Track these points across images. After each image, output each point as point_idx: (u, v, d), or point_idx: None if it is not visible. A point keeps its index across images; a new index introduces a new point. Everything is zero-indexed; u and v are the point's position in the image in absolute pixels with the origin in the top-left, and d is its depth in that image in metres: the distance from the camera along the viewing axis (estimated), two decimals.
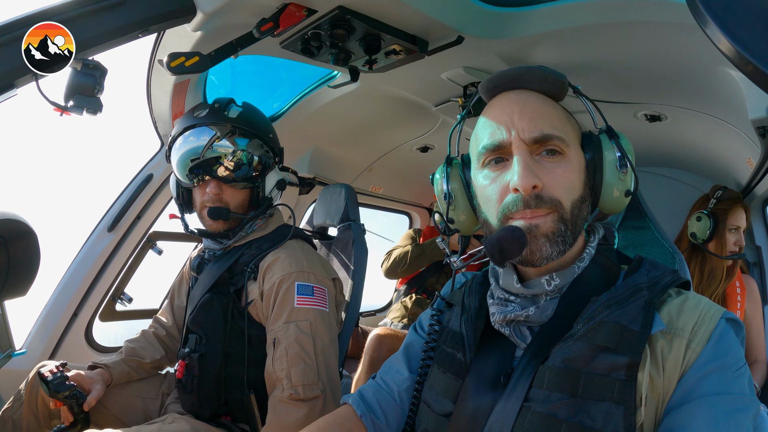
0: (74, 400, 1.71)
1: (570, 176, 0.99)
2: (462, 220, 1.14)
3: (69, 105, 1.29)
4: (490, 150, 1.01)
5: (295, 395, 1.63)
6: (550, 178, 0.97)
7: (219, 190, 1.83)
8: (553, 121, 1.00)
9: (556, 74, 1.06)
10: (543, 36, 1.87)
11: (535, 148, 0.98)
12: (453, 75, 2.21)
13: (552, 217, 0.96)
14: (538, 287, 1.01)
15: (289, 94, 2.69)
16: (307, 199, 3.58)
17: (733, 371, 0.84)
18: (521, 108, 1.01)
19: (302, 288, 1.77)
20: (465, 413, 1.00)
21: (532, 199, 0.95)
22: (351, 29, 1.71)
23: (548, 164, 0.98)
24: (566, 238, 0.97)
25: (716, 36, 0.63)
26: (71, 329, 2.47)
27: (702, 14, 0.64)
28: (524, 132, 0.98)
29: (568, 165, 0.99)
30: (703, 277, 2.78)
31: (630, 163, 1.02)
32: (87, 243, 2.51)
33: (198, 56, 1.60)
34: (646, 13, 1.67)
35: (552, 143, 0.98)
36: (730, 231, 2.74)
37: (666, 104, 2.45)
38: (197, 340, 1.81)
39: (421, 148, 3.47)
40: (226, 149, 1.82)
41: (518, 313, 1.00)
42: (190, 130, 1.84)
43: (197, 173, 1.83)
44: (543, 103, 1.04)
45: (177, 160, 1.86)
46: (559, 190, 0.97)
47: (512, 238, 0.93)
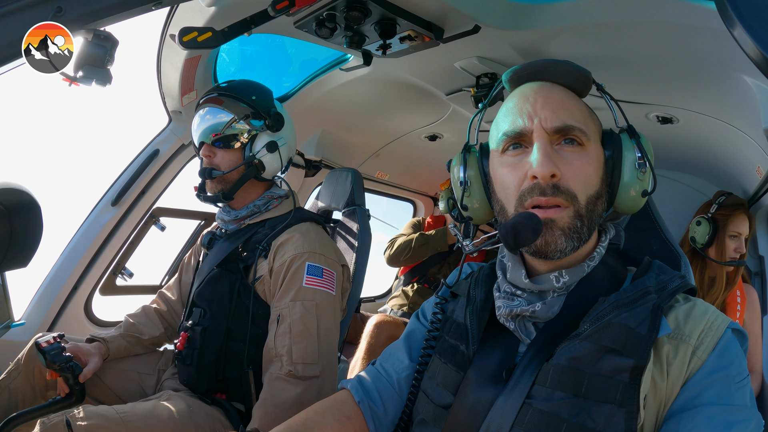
0: (70, 372, 1.70)
1: (588, 169, 0.98)
2: (475, 208, 1.13)
3: (78, 75, 1.27)
4: (511, 136, 1.01)
5: (294, 372, 1.63)
6: (568, 169, 0.96)
7: (210, 153, 1.90)
8: (576, 114, 1.00)
9: (581, 69, 1.06)
10: (559, 30, 1.86)
11: (556, 137, 0.98)
12: (466, 64, 2.19)
13: (568, 212, 0.95)
14: (547, 283, 1.01)
15: (300, 75, 2.67)
16: (313, 181, 3.57)
17: (736, 382, 0.84)
18: (545, 98, 1.01)
19: (312, 269, 1.77)
20: (465, 406, 1.00)
21: (548, 187, 0.95)
22: (367, 12, 1.69)
23: (568, 154, 0.98)
24: (582, 234, 0.97)
25: (743, 39, 0.62)
26: (71, 302, 2.46)
27: (730, 17, 0.63)
28: (546, 121, 0.98)
29: (587, 158, 0.99)
30: (703, 282, 2.77)
31: (650, 163, 1.01)
32: (90, 216, 2.50)
33: (211, 32, 1.58)
34: (664, 13, 1.65)
35: (573, 134, 0.98)
36: (731, 237, 2.73)
37: (678, 107, 2.43)
38: (201, 314, 1.82)
39: (430, 136, 3.45)
40: (213, 116, 1.89)
41: (524, 308, 1.00)
42: (197, 112, 1.94)
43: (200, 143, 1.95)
44: (567, 96, 1.04)
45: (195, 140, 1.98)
46: (576, 182, 0.96)
47: (528, 224, 0.92)
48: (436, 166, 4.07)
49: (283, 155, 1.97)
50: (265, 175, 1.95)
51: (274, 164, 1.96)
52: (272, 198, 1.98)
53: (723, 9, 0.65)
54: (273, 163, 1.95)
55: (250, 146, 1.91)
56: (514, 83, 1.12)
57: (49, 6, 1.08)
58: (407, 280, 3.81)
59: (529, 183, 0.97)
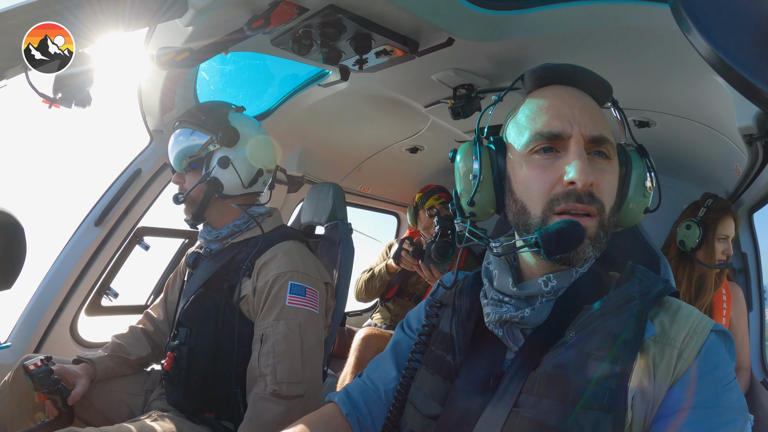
0: (58, 395, 1.70)
1: (614, 182, 1.01)
2: (483, 205, 1.10)
3: (58, 97, 1.29)
4: (546, 137, 1.00)
5: (279, 392, 1.63)
6: (601, 179, 0.98)
7: (180, 180, 1.94)
8: (607, 126, 1.02)
9: (605, 81, 1.09)
10: (533, 39, 1.88)
11: (590, 147, 0.99)
12: (443, 76, 2.22)
13: (595, 222, 0.97)
14: (535, 288, 1.02)
15: (279, 92, 2.68)
16: (296, 197, 3.58)
17: (723, 385, 0.85)
18: (582, 104, 1.03)
19: (295, 288, 1.78)
20: (452, 416, 1.00)
21: (585, 195, 0.95)
22: (342, 28, 1.72)
23: (599, 165, 0.99)
24: (603, 244, 0.99)
25: (699, 42, 0.64)
26: (56, 323, 2.45)
27: (685, 20, 0.65)
28: (586, 128, 0.98)
29: (614, 171, 1.02)
30: (691, 285, 2.77)
31: (657, 184, 1.05)
32: (74, 237, 2.49)
33: (188, 51, 1.60)
34: (635, 19, 1.68)
35: (605, 146, 0.99)
36: (719, 240, 2.74)
37: (654, 110, 2.47)
38: (187, 334, 1.82)
39: (411, 148, 3.47)
40: (173, 145, 1.95)
41: (513, 314, 1.00)
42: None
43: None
44: (596, 106, 1.06)
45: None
46: (605, 193, 0.98)
47: (573, 232, 0.92)
48: (418, 178, 4.08)
49: (241, 169, 1.92)
50: (226, 191, 1.92)
51: (231, 179, 1.92)
52: (253, 216, 1.96)
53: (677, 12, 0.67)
54: (229, 179, 1.92)
55: (207, 164, 1.91)
56: (540, 82, 1.12)
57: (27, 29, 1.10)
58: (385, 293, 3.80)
59: (564, 188, 0.96)
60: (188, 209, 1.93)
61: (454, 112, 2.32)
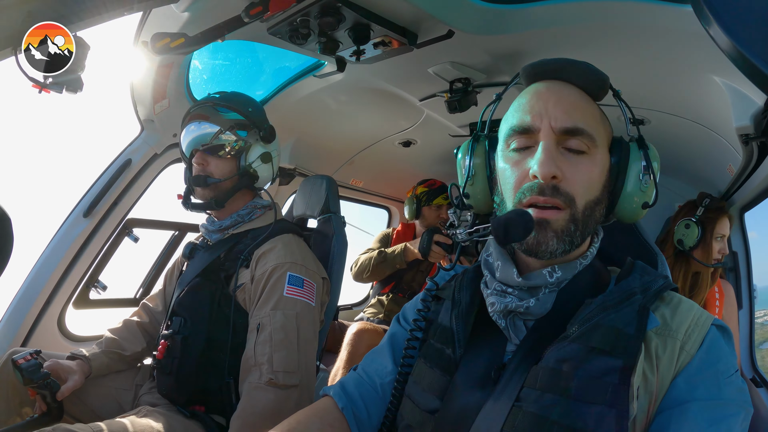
0: (48, 390, 1.67)
1: (591, 174, 1.00)
2: (478, 198, 1.15)
3: (48, 82, 1.25)
4: (517, 132, 1.03)
5: (275, 380, 1.62)
6: (571, 171, 0.97)
7: (203, 161, 1.90)
8: (587, 118, 1.01)
9: (599, 72, 1.08)
10: (532, 34, 1.88)
11: (563, 139, 0.99)
12: (440, 70, 2.21)
13: (564, 215, 0.97)
14: (540, 279, 1.01)
15: (274, 83, 2.66)
16: (287, 190, 3.55)
17: (725, 378, 0.86)
18: (558, 97, 1.02)
19: (293, 279, 1.79)
20: (452, 410, 0.99)
21: (548, 188, 0.96)
22: (340, 18, 1.70)
23: (572, 157, 0.99)
24: (574, 238, 0.98)
25: (719, 36, 0.64)
26: (44, 317, 2.40)
27: (705, 14, 0.65)
28: (556, 121, 0.98)
29: (591, 163, 1.00)
30: (686, 283, 2.81)
31: (654, 176, 1.04)
32: (62, 228, 2.44)
33: (183, 38, 1.57)
34: (636, 16, 1.69)
35: (580, 138, 0.99)
36: (716, 239, 2.77)
37: (650, 108, 2.48)
38: (182, 323, 1.81)
39: (404, 142, 3.47)
40: (214, 128, 1.88)
41: (519, 304, 1.00)
42: (191, 122, 1.93)
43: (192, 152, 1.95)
44: (580, 98, 1.05)
45: (183, 148, 1.98)
46: (576, 186, 0.97)
47: (520, 222, 0.93)
48: (411, 172, 4.08)
49: (275, 166, 2.02)
50: (258, 184, 1.99)
51: (267, 175, 2.00)
52: (255, 208, 1.99)
53: (699, 8, 0.67)
54: (266, 174, 1.99)
55: (245, 156, 1.93)
56: (530, 79, 1.13)
57: (18, 11, 1.07)
58: (381, 288, 3.79)
59: (530, 181, 0.98)
60: (209, 193, 1.92)
61: (450, 106, 2.32)
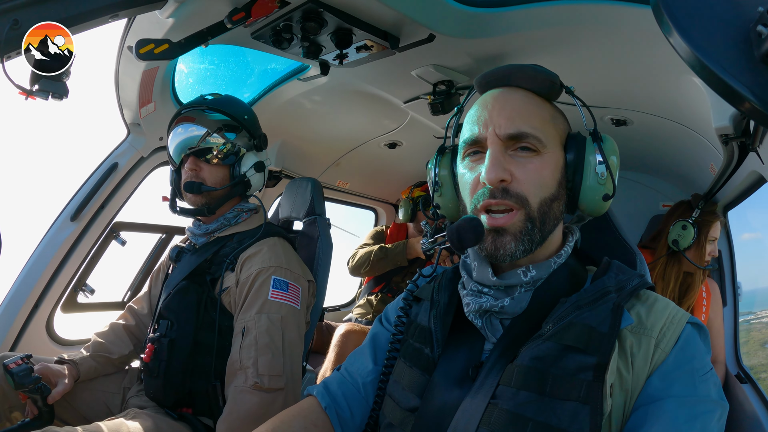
0: (39, 394, 1.68)
1: (542, 173, 1.02)
2: (448, 207, 1.21)
3: (34, 89, 1.27)
4: (469, 143, 1.07)
5: (260, 384, 1.63)
6: (521, 173, 1.00)
7: (196, 167, 1.91)
8: (533, 120, 1.03)
9: (546, 73, 1.09)
10: (513, 37, 1.90)
11: (511, 144, 1.02)
12: (423, 72, 2.23)
13: (519, 216, 1.00)
14: (514, 278, 1.04)
15: (259, 86, 2.67)
16: (273, 192, 3.56)
17: (700, 375, 0.88)
18: (502, 105, 1.05)
19: (278, 282, 1.81)
20: (431, 408, 1.01)
21: (498, 191, 0.99)
22: (323, 22, 1.72)
23: (521, 160, 1.01)
24: (533, 236, 1.01)
25: (679, 44, 0.65)
26: (32, 321, 2.40)
27: (666, 23, 0.67)
28: (500, 128, 1.01)
29: (541, 162, 1.02)
30: (677, 284, 2.84)
31: (609, 168, 1.05)
32: (49, 232, 2.44)
33: (168, 43, 1.59)
34: (615, 19, 1.71)
35: (526, 141, 1.01)
36: (709, 242, 2.80)
37: (632, 109, 2.51)
38: (168, 326, 1.81)
39: (389, 144, 3.48)
40: (201, 130, 1.89)
41: (493, 303, 1.02)
42: (178, 124, 1.93)
43: (181, 155, 1.93)
44: (527, 101, 1.07)
45: (171, 151, 1.96)
46: (527, 186, 1.00)
47: (469, 227, 0.99)
48: (397, 174, 4.11)
49: (266, 173, 2.04)
50: (249, 192, 2.02)
51: (259, 183, 2.02)
52: (242, 211, 2.01)
53: (658, 14, 0.69)
54: (258, 182, 2.02)
55: (239, 164, 1.95)
56: (483, 89, 1.15)
57: (5, 18, 1.08)
58: (370, 288, 3.82)
59: (482, 187, 1.02)
60: (201, 200, 1.92)
61: (433, 108, 2.34)
